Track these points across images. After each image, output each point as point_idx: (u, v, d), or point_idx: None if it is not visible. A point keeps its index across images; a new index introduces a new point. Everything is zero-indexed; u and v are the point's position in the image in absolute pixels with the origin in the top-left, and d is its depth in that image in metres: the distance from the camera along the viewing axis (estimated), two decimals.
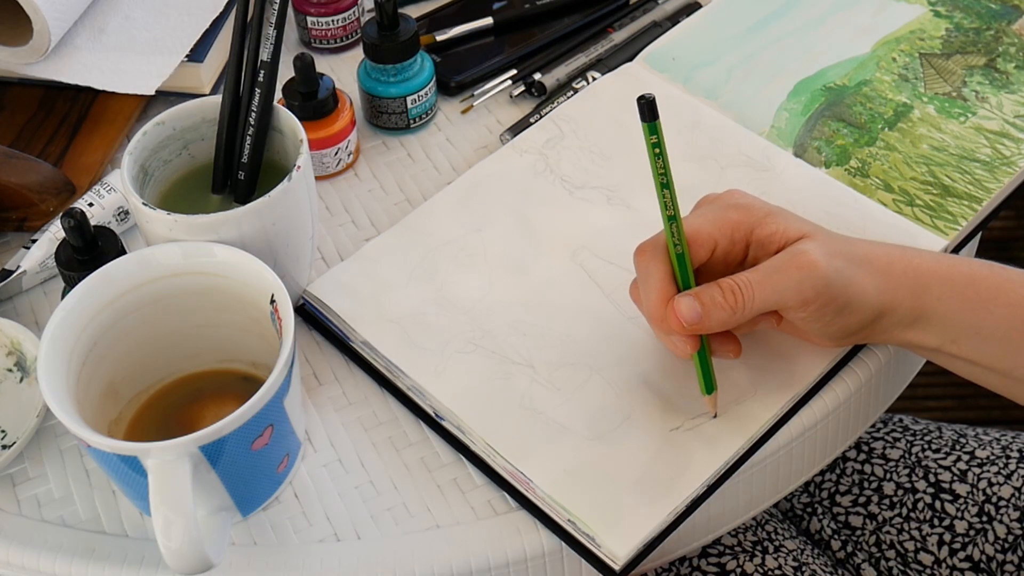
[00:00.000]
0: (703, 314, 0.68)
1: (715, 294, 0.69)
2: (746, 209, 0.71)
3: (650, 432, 0.72)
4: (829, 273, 0.68)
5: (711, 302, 0.69)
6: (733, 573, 0.87)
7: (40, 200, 0.84)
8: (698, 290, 0.69)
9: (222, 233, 0.71)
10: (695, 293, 0.69)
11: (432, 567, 0.69)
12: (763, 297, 0.69)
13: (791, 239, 0.70)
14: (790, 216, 0.72)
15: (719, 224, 0.71)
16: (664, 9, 0.97)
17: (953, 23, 0.92)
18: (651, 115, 0.67)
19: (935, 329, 0.71)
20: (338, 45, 0.97)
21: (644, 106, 0.67)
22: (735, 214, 0.71)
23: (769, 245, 0.70)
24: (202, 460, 0.64)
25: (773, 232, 0.70)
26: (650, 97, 0.67)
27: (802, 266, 0.68)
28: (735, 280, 0.69)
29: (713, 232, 0.70)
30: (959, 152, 0.83)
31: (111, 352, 0.71)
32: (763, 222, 0.71)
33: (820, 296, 0.69)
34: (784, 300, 0.69)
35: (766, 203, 0.72)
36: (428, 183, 0.88)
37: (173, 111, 0.76)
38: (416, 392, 0.75)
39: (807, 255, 0.69)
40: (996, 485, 0.93)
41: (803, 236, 0.70)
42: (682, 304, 0.69)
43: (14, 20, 0.89)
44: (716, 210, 0.71)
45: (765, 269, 0.69)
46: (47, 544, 0.71)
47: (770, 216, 0.71)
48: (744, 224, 0.71)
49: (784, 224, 0.71)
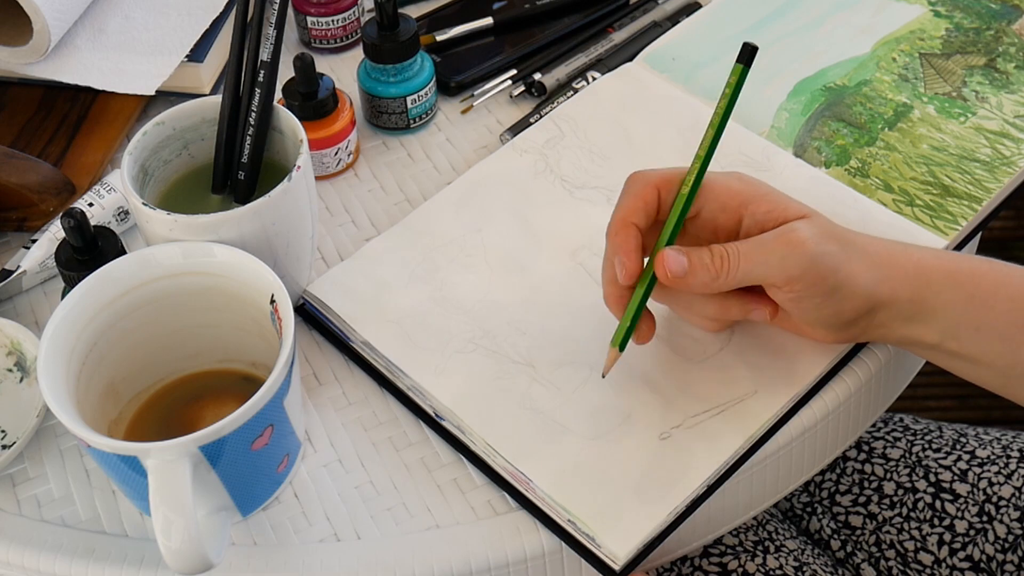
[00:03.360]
0: (688, 270, 0.69)
1: (703, 255, 0.69)
2: (747, 182, 0.72)
3: (650, 432, 0.72)
4: (816, 252, 0.68)
5: (699, 262, 0.69)
6: (735, 573, 0.87)
7: (40, 200, 0.84)
8: (688, 249, 0.70)
9: (222, 233, 0.71)
10: (685, 251, 0.69)
11: (432, 567, 0.69)
12: (746, 268, 0.69)
13: (789, 219, 0.70)
14: (792, 200, 0.72)
15: (715, 186, 0.71)
16: (664, 9, 0.97)
17: (953, 23, 0.92)
18: (746, 60, 0.70)
19: (935, 324, 0.71)
20: (338, 45, 0.97)
21: (748, 50, 0.69)
22: (736, 183, 0.72)
23: (766, 223, 0.70)
24: (202, 460, 0.64)
25: (771, 209, 0.70)
26: (754, 46, 0.69)
27: (789, 242, 0.69)
28: (724, 247, 0.69)
29: (707, 190, 0.70)
30: (959, 152, 0.83)
31: (111, 352, 0.71)
32: (761, 199, 0.71)
33: (806, 275, 0.69)
34: (768, 275, 0.69)
35: (768, 185, 0.73)
36: (428, 183, 0.88)
37: (173, 111, 0.76)
38: (416, 392, 0.75)
39: (796, 232, 0.69)
40: (996, 485, 0.93)
41: (801, 217, 0.70)
42: (670, 254, 0.69)
43: (14, 20, 0.89)
44: (716, 176, 0.72)
45: (753, 241, 0.69)
46: (47, 544, 0.71)
47: (770, 195, 0.71)
48: (741, 194, 0.71)
49: (784, 204, 0.71)
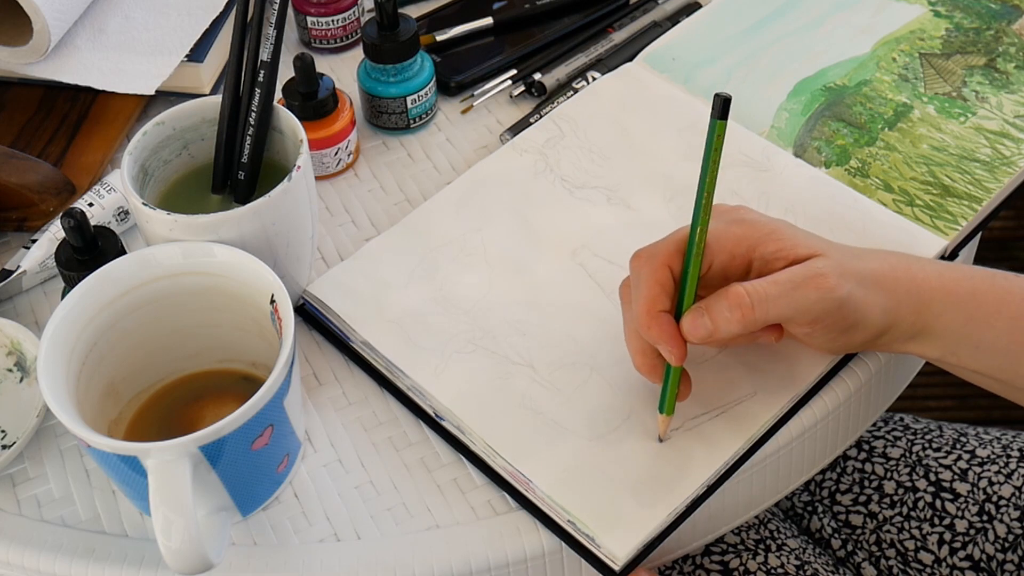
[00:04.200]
0: (713, 330, 0.68)
1: (723, 310, 0.68)
2: (750, 224, 0.71)
3: (650, 432, 0.72)
4: (843, 297, 0.68)
5: (721, 319, 0.68)
6: (736, 571, 0.87)
7: (40, 200, 0.84)
8: (707, 304, 0.68)
9: (222, 233, 0.71)
10: (705, 309, 0.68)
11: (432, 567, 0.69)
12: (777, 311, 0.68)
13: (800, 257, 0.69)
14: (797, 232, 0.71)
15: (720, 238, 0.70)
16: (664, 9, 0.97)
17: (953, 23, 0.92)
18: (723, 114, 0.67)
19: (935, 343, 0.71)
20: (338, 45, 0.97)
21: (720, 102, 0.67)
22: (738, 229, 0.70)
23: (775, 262, 0.69)
24: (202, 460, 0.64)
25: (779, 249, 0.70)
26: (727, 96, 0.67)
27: (820, 287, 0.68)
28: (746, 292, 0.68)
29: (712, 245, 0.69)
30: (959, 152, 0.83)
31: (111, 352, 0.71)
32: (767, 239, 0.70)
33: (830, 316, 0.69)
34: (797, 316, 0.69)
35: (772, 219, 0.71)
36: (428, 183, 0.88)
37: (173, 111, 0.76)
38: (416, 392, 0.75)
39: (826, 278, 0.68)
40: (996, 484, 0.93)
41: (814, 254, 0.69)
42: (688, 325, 0.68)
43: (14, 20, 0.89)
44: (718, 224, 0.70)
45: (783, 284, 0.68)
46: (47, 544, 0.71)
47: (775, 233, 0.70)
48: (747, 240, 0.70)
49: (791, 241, 0.70)
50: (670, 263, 0.69)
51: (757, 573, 0.87)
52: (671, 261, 0.69)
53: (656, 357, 0.70)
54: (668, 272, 0.69)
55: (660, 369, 0.70)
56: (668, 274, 0.69)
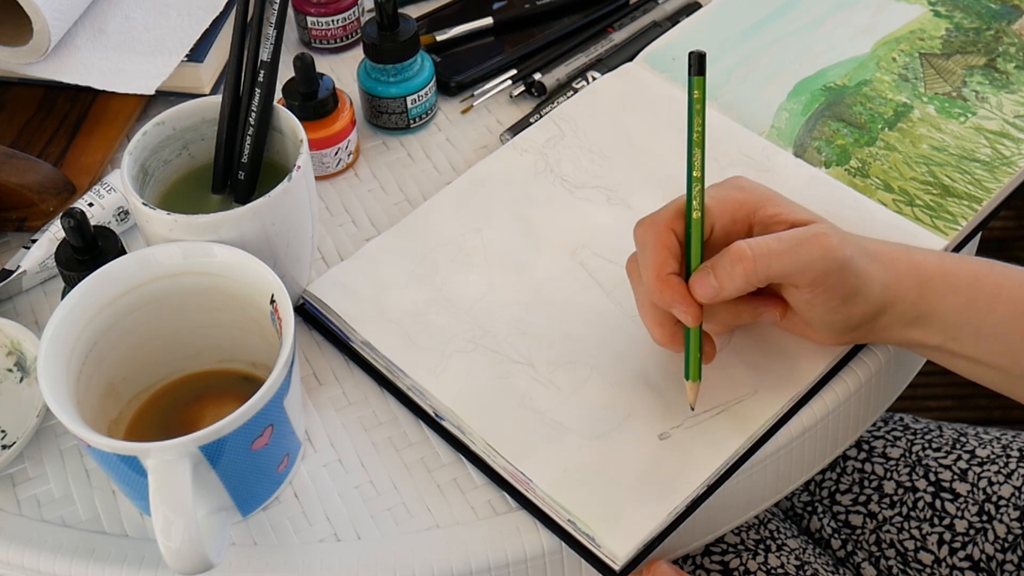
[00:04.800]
0: (719, 288, 0.68)
1: (725, 267, 0.68)
2: (749, 190, 0.72)
3: (650, 431, 0.72)
4: (845, 257, 0.69)
5: (725, 276, 0.68)
6: (736, 571, 0.87)
7: (40, 200, 0.84)
8: (712, 264, 0.69)
9: (222, 233, 0.71)
10: (710, 268, 0.69)
11: (432, 567, 0.69)
12: (780, 266, 0.68)
13: (800, 221, 0.70)
14: (794, 204, 0.72)
15: (721, 202, 0.71)
16: (664, 9, 0.97)
17: (953, 23, 0.92)
18: (699, 70, 0.68)
19: (936, 327, 0.71)
20: (338, 45, 0.97)
21: (695, 59, 0.67)
22: (739, 194, 0.72)
23: (775, 225, 0.71)
24: (202, 460, 0.64)
25: (778, 213, 0.71)
26: (702, 52, 0.67)
27: (823, 245, 0.68)
28: (748, 246, 0.68)
29: (714, 208, 0.70)
30: (959, 152, 0.83)
31: (111, 352, 0.71)
32: (767, 203, 0.71)
33: (831, 277, 0.69)
34: (800, 274, 0.69)
35: (770, 188, 0.73)
36: (428, 183, 0.88)
37: (173, 111, 0.76)
38: (416, 392, 0.75)
39: (828, 237, 0.69)
40: (996, 484, 0.93)
41: (813, 220, 0.70)
42: (696, 284, 0.69)
43: (14, 20, 0.89)
44: (719, 189, 0.72)
45: (786, 240, 0.69)
46: (47, 544, 0.71)
47: (775, 198, 0.72)
48: (747, 204, 0.71)
49: (788, 207, 0.71)
50: (673, 227, 0.70)
51: (757, 573, 0.87)
52: (674, 225, 0.70)
53: (674, 325, 0.70)
54: (672, 235, 0.70)
55: (680, 338, 0.70)
56: (672, 237, 0.70)
